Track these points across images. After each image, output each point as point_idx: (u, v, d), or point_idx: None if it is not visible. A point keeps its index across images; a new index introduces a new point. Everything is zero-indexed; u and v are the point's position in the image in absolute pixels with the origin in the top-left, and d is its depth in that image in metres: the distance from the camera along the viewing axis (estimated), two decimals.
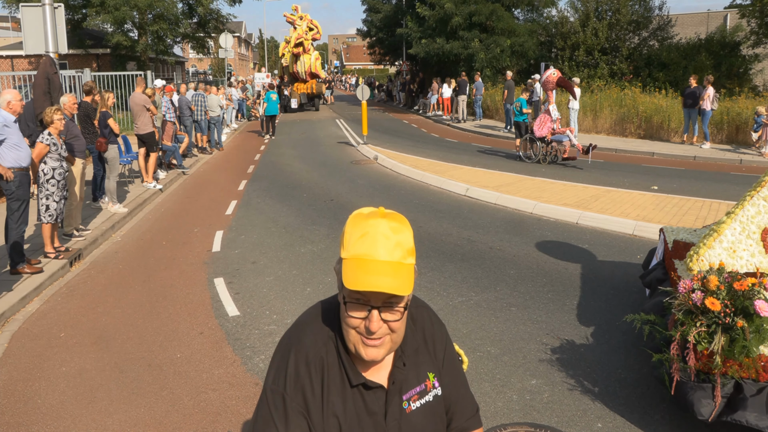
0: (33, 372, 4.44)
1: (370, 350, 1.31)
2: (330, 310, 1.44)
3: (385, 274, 1.24)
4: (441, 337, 1.54)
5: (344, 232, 1.32)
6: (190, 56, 55.30)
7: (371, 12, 36.75)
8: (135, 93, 11.28)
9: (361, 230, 1.29)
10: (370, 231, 1.28)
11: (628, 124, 18.13)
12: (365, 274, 1.24)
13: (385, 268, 1.25)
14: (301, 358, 1.36)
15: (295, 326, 1.46)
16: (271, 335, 4.93)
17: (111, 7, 25.16)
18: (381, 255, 1.26)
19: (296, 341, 1.40)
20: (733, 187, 10.15)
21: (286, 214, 9.26)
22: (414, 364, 1.45)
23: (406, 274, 1.27)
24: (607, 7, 22.83)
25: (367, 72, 77.46)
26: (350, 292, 1.28)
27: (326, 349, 1.38)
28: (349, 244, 1.29)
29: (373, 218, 1.30)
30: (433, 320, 1.55)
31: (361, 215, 1.33)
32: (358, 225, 1.30)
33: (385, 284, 1.24)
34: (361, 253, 1.26)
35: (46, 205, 6.55)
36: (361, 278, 1.24)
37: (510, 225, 8.26)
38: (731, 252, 3.85)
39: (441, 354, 1.52)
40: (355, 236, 1.29)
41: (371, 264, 1.25)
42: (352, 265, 1.27)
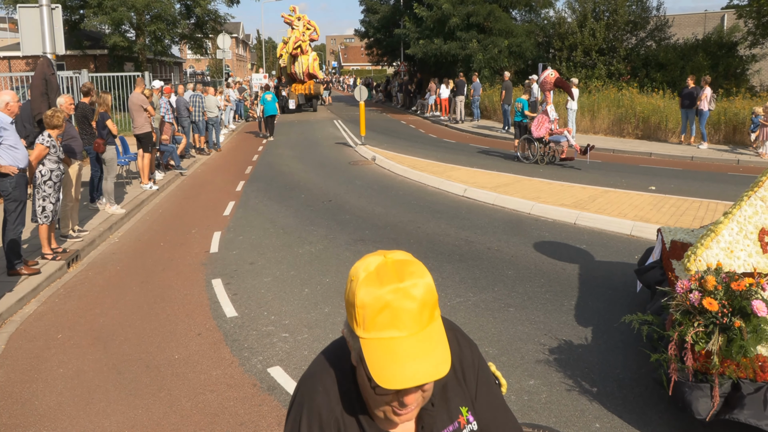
0: (30, 373, 4.43)
1: (404, 417, 1.17)
2: (340, 358, 1.27)
3: (420, 356, 1.06)
4: (471, 360, 1.36)
5: (354, 303, 1.10)
6: (187, 57, 55.27)
7: (369, 13, 36.77)
8: (134, 93, 11.27)
9: (378, 303, 1.08)
10: (392, 303, 1.07)
11: (626, 124, 18.16)
12: (395, 363, 1.05)
13: (417, 345, 1.07)
14: (315, 421, 1.22)
15: (305, 380, 1.30)
16: (269, 336, 4.92)
17: (108, 8, 25.13)
18: (409, 328, 1.07)
19: (308, 400, 1.25)
20: (731, 188, 10.16)
21: (284, 215, 9.26)
22: (443, 401, 1.28)
23: (439, 340, 1.10)
24: (605, 7, 22.86)
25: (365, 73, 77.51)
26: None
27: (341, 408, 1.23)
28: (366, 321, 1.09)
29: (388, 283, 1.08)
30: (461, 344, 1.36)
31: (371, 280, 1.10)
32: (371, 295, 1.08)
33: (422, 374, 1.05)
34: (386, 334, 1.08)
35: (43, 206, 6.54)
36: (394, 372, 1.05)
37: (508, 225, 8.27)
38: (729, 252, 3.86)
39: (473, 381, 1.35)
40: (372, 312, 1.08)
41: (400, 345, 1.06)
42: (376, 351, 1.08)
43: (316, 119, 26.85)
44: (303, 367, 4.38)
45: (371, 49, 40.19)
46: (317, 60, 31.75)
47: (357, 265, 1.16)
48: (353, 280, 1.13)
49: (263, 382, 4.20)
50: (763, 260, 3.83)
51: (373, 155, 14.77)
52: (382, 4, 35.84)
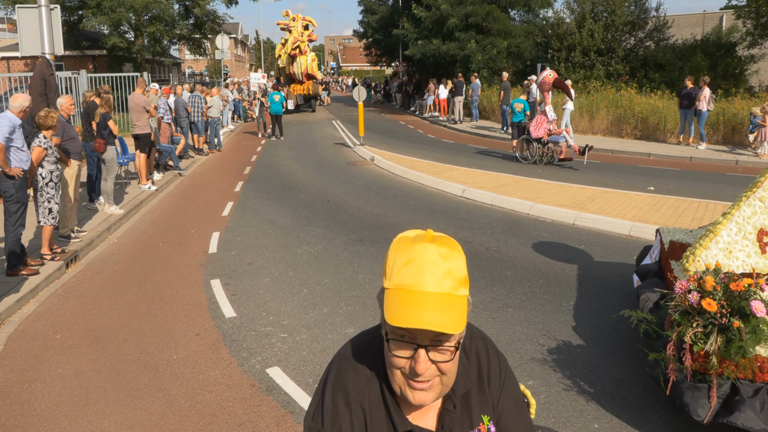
0: (29, 374, 4.43)
1: (418, 394, 1.18)
2: (373, 343, 1.30)
3: (432, 309, 1.10)
4: (497, 371, 1.37)
5: (387, 258, 1.19)
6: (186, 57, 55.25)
7: (367, 13, 36.76)
8: (134, 93, 11.26)
9: (405, 257, 1.15)
10: (417, 258, 1.13)
11: (625, 125, 18.18)
12: (409, 307, 1.10)
13: (432, 301, 1.11)
14: (341, 397, 1.24)
15: (335, 361, 1.33)
16: (268, 336, 4.92)
17: (107, 8, 25.11)
18: (428, 286, 1.12)
19: (336, 377, 1.28)
20: (729, 188, 10.18)
21: (283, 215, 9.25)
22: (466, 406, 1.30)
23: (457, 309, 1.13)
24: (603, 8, 22.89)
25: (364, 73, 77.53)
26: (393, 328, 1.14)
27: (369, 389, 1.25)
28: (393, 272, 1.15)
29: (419, 243, 1.16)
30: (489, 353, 1.37)
31: (406, 239, 1.18)
32: (402, 251, 1.16)
33: (431, 320, 1.09)
34: (406, 284, 1.12)
35: (49, 208, 6.58)
36: (404, 313, 1.10)
37: (506, 226, 8.27)
38: (727, 253, 3.86)
39: (497, 391, 1.36)
40: (399, 264, 1.15)
41: (417, 296, 1.11)
42: (394, 297, 1.13)
43: (314, 120, 26.85)
44: (302, 368, 4.38)
45: (370, 49, 40.19)
46: (316, 60, 31.74)
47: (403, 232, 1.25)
48: (394, 241, 1.21)
49: (262, 382, 4.20)
50: (762, 261, 3.83)
51: (372, 155, 14.77)
52: (380, 4, 35.84)
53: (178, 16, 29.19)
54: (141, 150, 11.06)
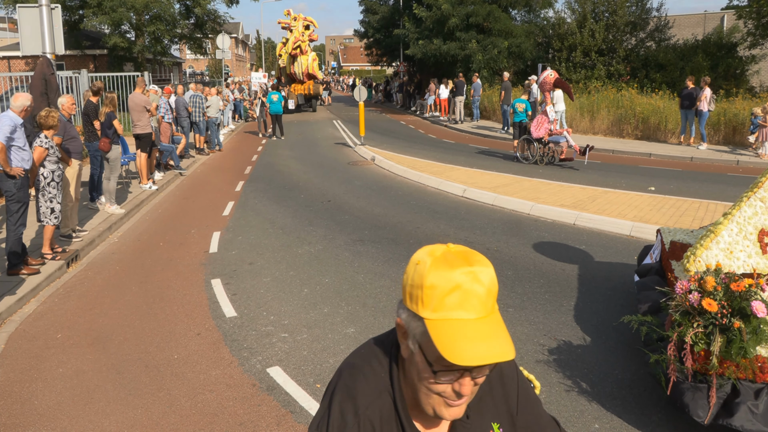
0: (30, 373, 4.43)
1: (453, 411, 1.16)
2: (383, 353, 1.26)
3: (487, 338, 1.06)
4: (510, 374, 1.36)
5: (423, 285, 1.10)
6: (187, 57, 55.25)
7: (368, 13, 36.75)
8: (134, 93, 11.26)
9: (449, 283, 1.08)
10: (463, 284, 1.08)
11: (626, 125, 18.17)
12: (466, 342, 1.05)
13: (484, 328, 1.07)
14: (349, 408, 1.20)
15: (344, 369, 1.28)
16: (268, 336, 4.92)
17: (108, 8, 25.12)
18: (478, 312, 1.08)
19: (344, 388, 1.23)
20: (730, 188, 10.17)
21: (283, 215, 9.26)
22: (478, 415, 1.28)
23: (502, 327, 1.10)
24: (604, 8, 22.87)
25: (365, 73, 77.53)
26: (440, 359, 1.08)
27: (381, 402, 1.21)
28: (435, 301, 1.09)
29: (459, 266, 1.10)
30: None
31: (440, 262, 1.11)
32: (442, 277, 1.09)
33: (492, 353, 1.05)
34: (455, 315, 1.07)
35: (51, 207, 6.58)
36: (463, 348, 1.05)
37: (507, 226, 8.27)
38: (728, 253, 3.86)
39: (514, 395, 1.35)
40: (442, 292, 1.08)
41: (469, 327, 1.07)
42: (445, 331, 1.07)
43: (315, 119, 26.85)
44: (302, 367, 4.38)
45: (371, 49, 40.17)
46: (316, 60, 31.73)
47: (420, 251, 1.17)
48: (419, 263, 1.13)
49: (262, 382, 4.20)
50: (763, 261, 3.83)
51: (373, 155, 14.77)
52: (381, 4, 35.83)
53: (178, 15, 29.19)
54: (142, 149, 11.07)
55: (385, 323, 5.10)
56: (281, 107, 20.00)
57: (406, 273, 1.16)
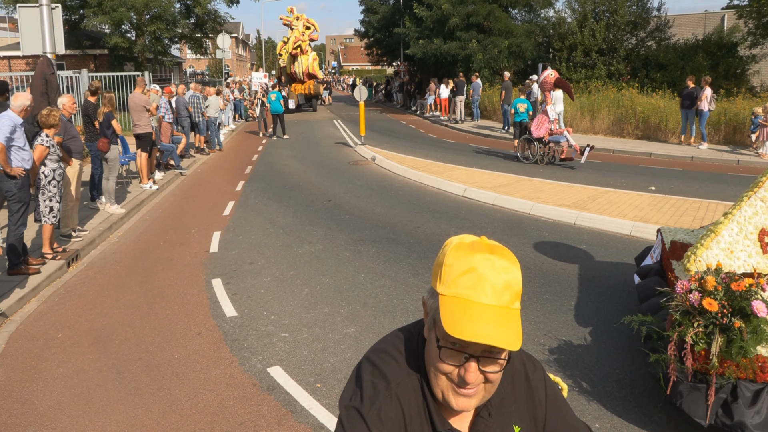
0: (30, 373, 4.43)
1: (461, 400, 1.16)
2: (412, 341, 1.27)
3: (493, 323, 1.08)
4: (539, 381, 1.35)
5: (443, 263, 1.16)
6: (187, 57, 55.25)
7: (369, 13, 36.76)
8: (134, 93, 11.26)
9: (465, 265, 1.12)
10: (478, 268, 1.11)
11: (626, 124, 18.16)
12: (469, 319, 1.08)
13: (492, 314, 1.09)
14: (381, 382, 1.21)
15: (372, 354, 1.28)
16: (269, 336, 4.92)
17: (108, 8, 25.12)
18: (488, 298, 1.10)
19: (375, 367, 1.24)
20: (731, 188, 10.17)
21: (284, 214, 9.26)
22: (499, 415, 1.28)
23: (515, 323, 1.11)
24: (605, 7, 22.86)
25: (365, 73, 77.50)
26: (445, 335, 1.11)
27: (409, 383, 1.22)
28: (450, 279, 1.13)
29: (480, 252, 1.13)
30: (525, 362, 1.36)
31: (465, 246, 1.16)
32: (461, 258, 1.14)
33: (492, 335, 1.07)
34: (465, 294, 1.11)
35: (50, 206, 6.57)
36: (464, 324, 1.08)
37: (508, 226, 8.27)
38: (729, 253, 3.86)
39: (542, 404, 1.35)
40: (458, 271, 1.12)
41: (476, 308, 1.09)
42: (453, 306, 1.11)
43: (315, 119, 26.85)
44: (303, 367, 4.38)
45: (371, 49, 40.19)
46: (317, 60, 31.73)
47: (452, 237, 1.23)
48: (447, 244, 1.20)
49: (263, 381, 4.20)
50: (763, 261, 3.83)
51: (373, 155, 14.77)
52: (381, 4, 35.84)
53: (179, 15, 29.19)
54: (142, 149, 11.07)
55: (386, 323, 5.10)
56: (281, 106, 19.99)
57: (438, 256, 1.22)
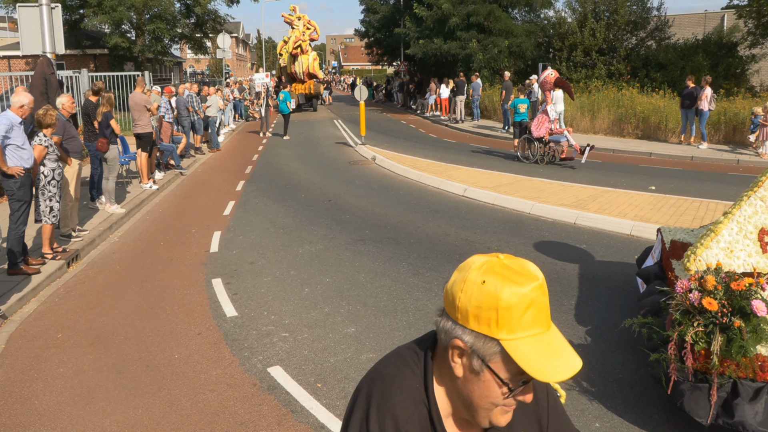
0: (30, 373, 4.43)
1: (509, 415, 1.17)
2: (416, 363, 1.23)
3: (565, 349, 1.08)
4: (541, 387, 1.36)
5: (497, 307, 1.07)
6: (187, 56, 55.25)
7: (369, 12, 36.76)
8: (135, 93, 11.27)
9: (524, 302, 1.06)
10: (535, 299, 1.07)
11: (626, 124, 18.16)
12: (550, 357, 1.06)
13: (559, 341, 1.09)
14: (389, 422, 1.16)
15: (376, 381, 1.22)
16: (269, 336, 4.92)
17: (108, 7, 25.12)
18: (547, 324, 1.09)
19: (381, 400, 1.18)
20: (731, 188, 10.16)
21: (284, 214, 9.26)
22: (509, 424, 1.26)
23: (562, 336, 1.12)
24: (605, 7, 22.86)
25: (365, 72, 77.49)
26: (516, 376, 1.09)
27: (418, 414, 1.18)
28: (513, 322, 1.06)
29: (529, 282, 1.08)
30: None
31: (509, 280, 1.08)
32: (517, 295, 1.07)
33: (575, 364, 1.07)
34: (534, 332, 1.07)
35: (50, 206, 6.57)
36: (549, 365, 1.05)
37: (508, 225, 8.27)
38: (728, 252, 3.86)
39: (544, 409, 1.36)
40: (519, 312, 1.06)
41: (549, 342, 1.08)
42: (528, 349, 1.06)
43: (316, 119, 26.85)
44: (303, 367, 4.38)
45: (371, 48, 40.18)
46: (317, 60, 31.74)
47: (474, 268, 1.12)
48: (485, 282, 1.09)
49: (263, 381, 4.20)
50: (763, 260, 3.83)
51: (373, 155, 14.77)
52: (382, 4, 35.84)
53: (179, 14, 29.19)
54: (142, 149, 11.07)
55: (386, 323, 5.10)
56: (287, 107, 20.07)
57: (462, 292, 1.10)
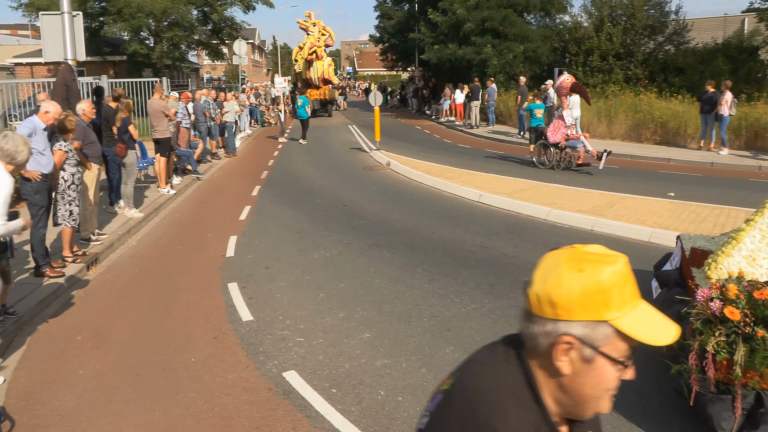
0: (51, 374, 4.49)
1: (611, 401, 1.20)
2: (519, 374, 1.17)
3: (662, 316, 1.14)
4: None
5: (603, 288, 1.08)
6: (204, 63, 55.80)
7: (384, 18, 36.88)
8: (153, 99, 11.41)
9: (622, 277, 1.10)
10: (629, 275, 1.12)
11: (644, 129, 17.97)
12: (659, 324, 1.12)
13: (653, 309, 1.14)
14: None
15: (480, 402, 1.13)
16: (284, 340, 4.94)
17: (128, 15, 25.50)
18: (639, 294, 1.14)
19: (503, 425, 1.10)
20: (752, 194, 10.00)
21: (299, 219, 9.29)
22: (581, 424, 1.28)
23: None
24: (622, 11, 22.68)
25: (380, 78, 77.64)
26: (626, 352, 1.13)
27: (533, 425, 1.13)
28: (619, 299, 1.09)
29: (615, 260, 1.11)
30: None
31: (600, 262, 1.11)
32: (615, 272, 1.09)
33: (674, 326, 1.13)
34: (637, 304, 1.12)
35: (70, 210, 6.66)
36: (663, 330, 1.11)
37: (524, 231, 8.22)
38: (751, 260, 3.80)
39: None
40: (621, 286, 1.10)
41: (650, 310, 1.13)
42: (641, 322, 1.10)
43: (331, 124, 26.96)
44: (318, 372, 4.37)
45: (386, 54, 40.27)
46: (332, 65, 31.89)
47: (561, 264, 1.13)
48: (582, 270, 1.10)
49: (278, 386, 4.21)
50: None
51: (388, 160, 14.78)
52: (396, 9, 35.93)
53: (196, 22, 29.52)
54: (161, 154, 11.19)
55: (401, 329, 5.09)
56: (305, 112, 20.21)
57: (560, 287, 1.10)
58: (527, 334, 1.17)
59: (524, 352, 1.19)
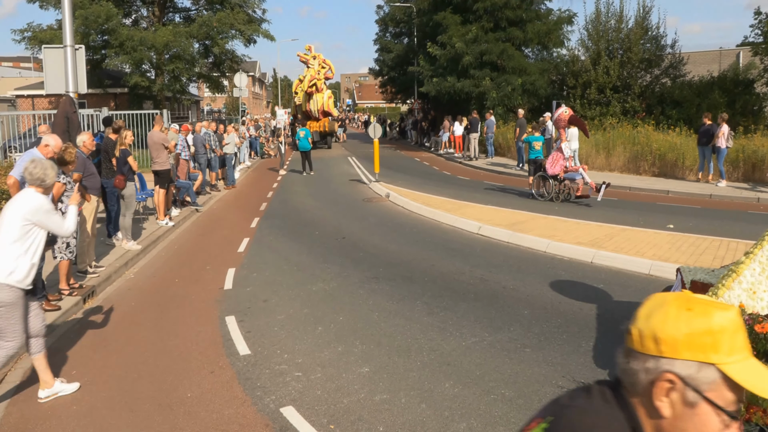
0: (44, 410, 4.40)
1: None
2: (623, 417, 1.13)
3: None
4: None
5: (712, 330, 1.05)
6: (205, 95, 56.49)
7: (383, 51, 37.53)
8: (153, 131, 11.50)
9: (733, 323, 1.07)
10: (742, 326, 1.09)
11: (642, 161, 18.09)
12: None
13: (762, 365, 1.10)
14: None
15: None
16: (282, 375, 4.86)
17: (129, 48, 25.90)
18: (748, 347, 1.11)
19: None
20: (751, 226, 10.00)
21: (298, 251, 9.26)
22: None
23: None
24: (619, 45, 23.06)
25: (379, 110, 78.52)
26: (733, 402, 1.07)
27: None
28: (726, 343, 1.05)
29: (729, 308, 1.10)
30: None
31: (709, 305, 1.10)
32: (728, 318, 1.07)
33: None
34: (750, 357, 1.09)
35: (67, 242, 6.64)
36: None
37: (523, 264, 8.19)
38: (751, 293, 3.77)
39: None
40: (731, 332, 1.06)
41: (759, 365, 1.09)
42: (751, 371, 1.06)
43: (330, 156, 27.13)
44: (316, 407, 4.29)
45: (385, 86, 40.86)
46: (332, 98, 32.29)
47: (669, 303, 1.11)
48: (691, 309, 1.08)
49: (275, 422, 4.13)
50: None
51: (387, 192, 14.83)
52: (396, 43, 36.57)
53: (197, 55, 29.95)
54: (161, 185, 11.22)
55: (400, 363, 5.02)
56: (308, 143, 20.42)
57: (666, 324, 1.08)
58: (626, 370, 1.14)
59: (624, 392, 1.14)
